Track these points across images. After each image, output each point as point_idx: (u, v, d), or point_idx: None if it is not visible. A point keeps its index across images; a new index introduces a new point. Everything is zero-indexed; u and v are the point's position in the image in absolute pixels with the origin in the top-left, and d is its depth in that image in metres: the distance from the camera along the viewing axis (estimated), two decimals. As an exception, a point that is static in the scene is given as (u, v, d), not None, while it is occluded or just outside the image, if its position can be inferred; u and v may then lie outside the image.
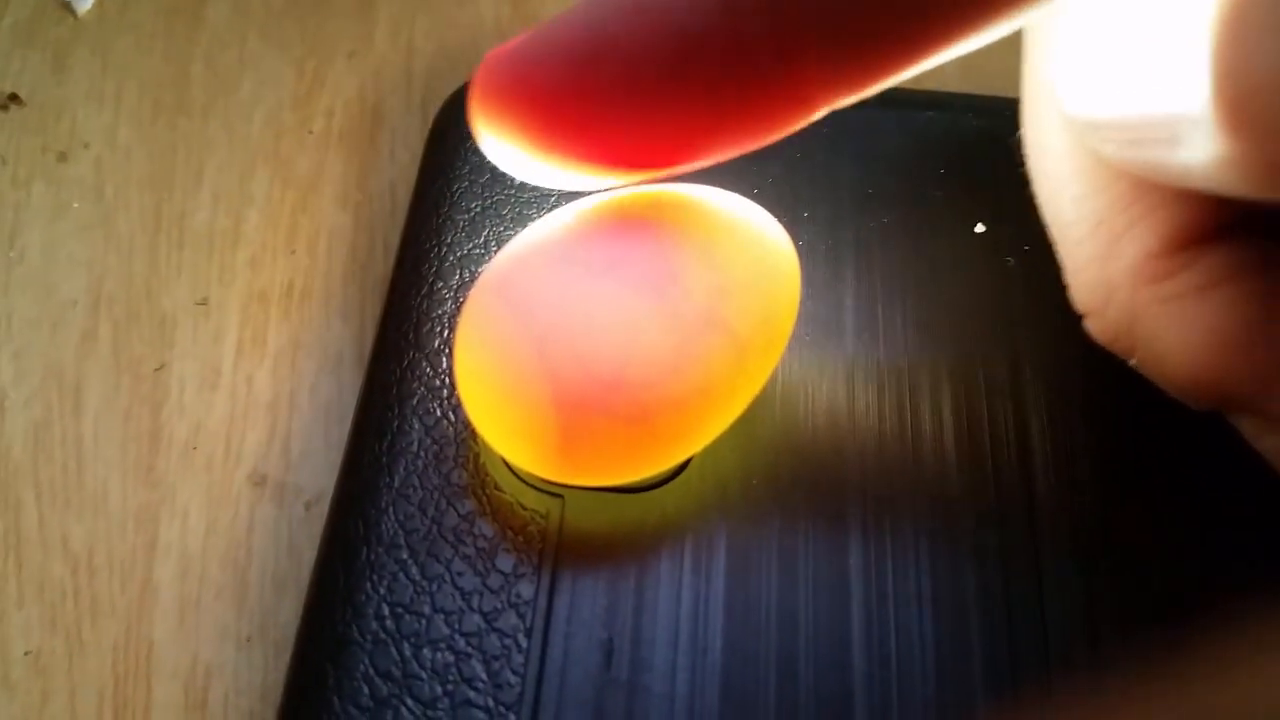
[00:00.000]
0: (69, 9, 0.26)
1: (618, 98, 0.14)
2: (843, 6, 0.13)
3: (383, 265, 0.22)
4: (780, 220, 0.19)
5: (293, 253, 0.23)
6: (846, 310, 0.20)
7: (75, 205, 0.23)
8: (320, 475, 0.20)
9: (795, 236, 0.20)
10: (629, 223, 0.16)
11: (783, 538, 0.18)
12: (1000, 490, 0.18)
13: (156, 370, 0.21)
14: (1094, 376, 0.19)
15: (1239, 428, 0.17)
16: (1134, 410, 0.19)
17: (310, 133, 0.24)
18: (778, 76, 0.13)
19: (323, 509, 0.19)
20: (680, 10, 0.13)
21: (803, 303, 0.19)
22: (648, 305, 0.16)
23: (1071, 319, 0.18)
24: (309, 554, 0.19)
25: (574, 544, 0.18)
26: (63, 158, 0.24)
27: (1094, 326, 0.18)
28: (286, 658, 0.18)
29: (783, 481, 0.18)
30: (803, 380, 0.19)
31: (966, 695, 0.16)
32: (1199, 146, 0.13)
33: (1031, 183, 0.18)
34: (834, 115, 0.22)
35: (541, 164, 0.15)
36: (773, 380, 0.19)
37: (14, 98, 0.25)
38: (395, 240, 0.22)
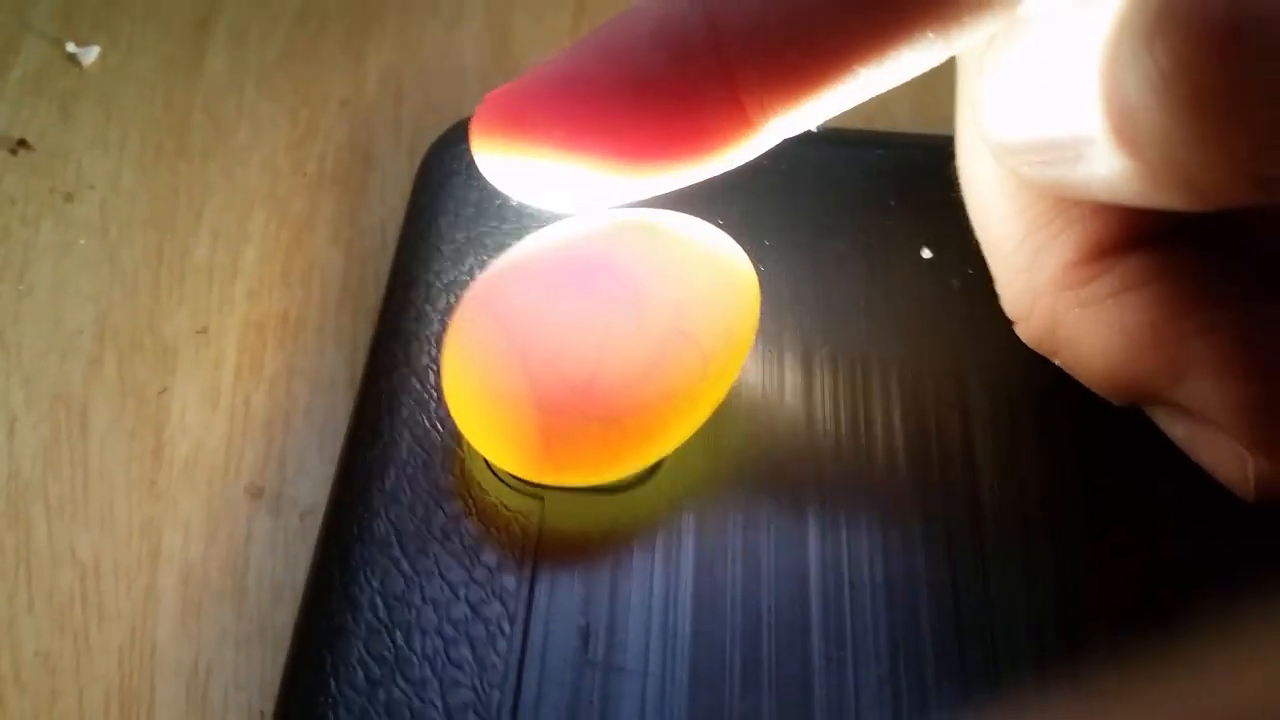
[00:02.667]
0: (75, 61, 0.28)
1: (592, 123, 0.16)
2: (776, 57, 0.15)
3: (373, 296, 0.24)
4: (745, 247, 0.21)
5: (288, 285, 0.24)
6: (805, 329, 0.21)
7: (81, 242, 0.25)
8: (314, 489, 0.22)
9: (758, 262, 0.22)
10: (601, 244, 0.18)
11: (747, 534, 0.19)
12: (947, 491, 0.20)
13: (159, 394, 0.23)
14: (1033, 384, 0.21)
15: (1154, 419, 0.19)
16: (1070, 417, 0.20)
17: (304, 175, 0.26)
18: (716, 96, 0.16)
19: (316, 519, 0.20)
20: (636, 49, 0.16)
21: (765, 321, 0.21)
22: (618, 317, 0.17)
23: (1010, 333, 0.20)
24: (304, 560, 0.20)
25: (553, 541, 0.19)
26: (69, 198, 0.26)
27: (1022, 331, 0.20)
28: (283, 655, 0.19)
29: (747, 484, 0.20)
30: (766, 392, 0.21)
31: (917, 673, 0.18)
32: (1098, 163, 0.15)
33: (966, 207, 0.20)
34: (794, 154, 0.24)
35: (527, 171, 0.17)
36: (738, 391, 0.21)
37: (23, 143, 0.27)
38: (384, 273, 0.23)
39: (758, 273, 0.22)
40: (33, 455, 0.22)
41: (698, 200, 0.22)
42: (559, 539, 0.19)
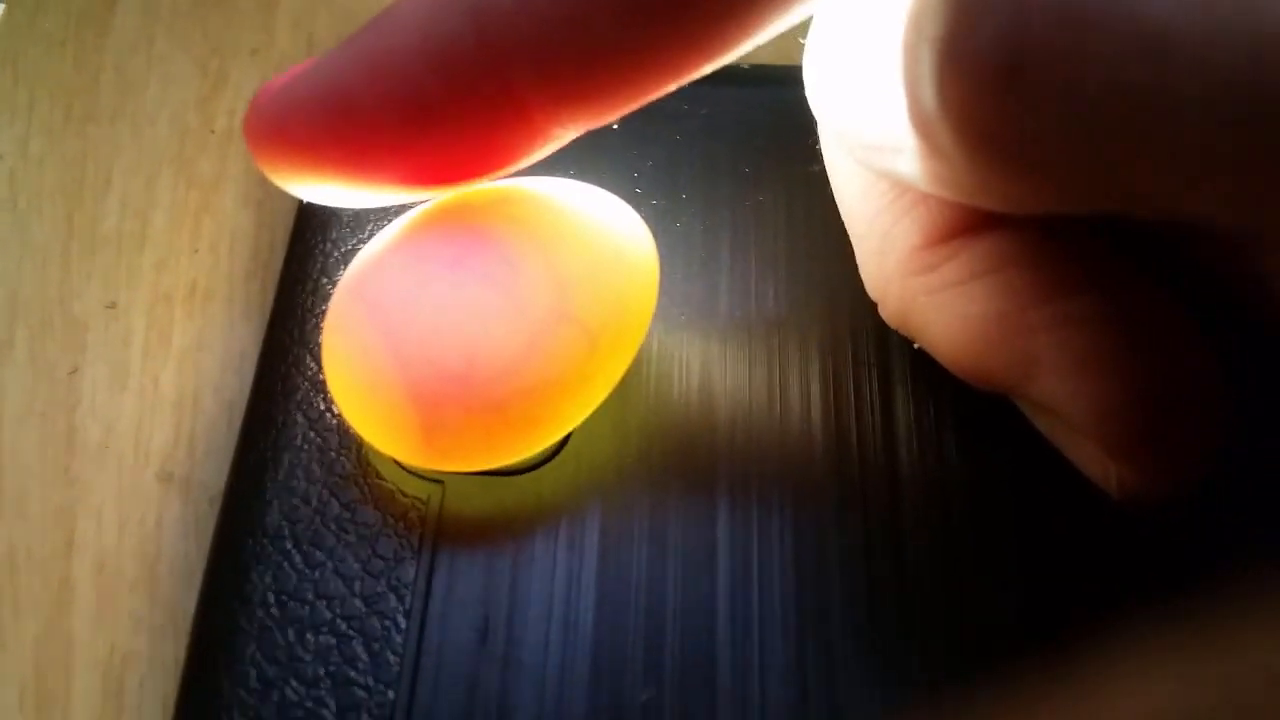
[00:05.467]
0: (-20, 20, 0.27)
1: (363, 142, 0.15)
2: (554, 58, 0.14)
3: (282, 262, 0.23)
4: (659, 203, 0.20)
5: (196, 253, 0.23)
6: (720, 290, 0.20)
7: (-9, 216, 0.24)
8: (223, 471, 0.21)
9: (673, 219, 0.21)
10: (477, 220, 0.17)
11: (654, 515, 0.18)
12: (864, 462, 0.19)
13: (70, 374, 0.22)
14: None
15: (1020, 407, 0.18)
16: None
17: (212, 132, 0.25)
18: (504, 116, 0.14)
19: (223, 505, 0.20)
20: (407, 68, 0.14)
21: (678, 284, 0.20)
22: (494, 300, 0.16)
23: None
24: (213, 545, 0.20)
25: (453, 528, 0.18)
26: (-22, 169, 0.25)
27: (883, 314, 0.19)
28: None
29: (655, 461, 0.19)
30: (677, 360, 0.20)
31: (826, 661, 0.17)
32: (915, 161, 0.14)
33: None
34: (714, 97, 0.23)
35: (314, 191, 0.16)
36: (647, 360, 0.20)
37: (-71, 112, 0.26)
38: (294, 237, 0.22)
39: (671, 230, 0.21)
40: (-56, 444, 0.22)
41: (606, 154, 0.21)
42: (459, 525, 0.18)
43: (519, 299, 0.16)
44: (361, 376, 0.17)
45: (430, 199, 0.18)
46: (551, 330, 0.17)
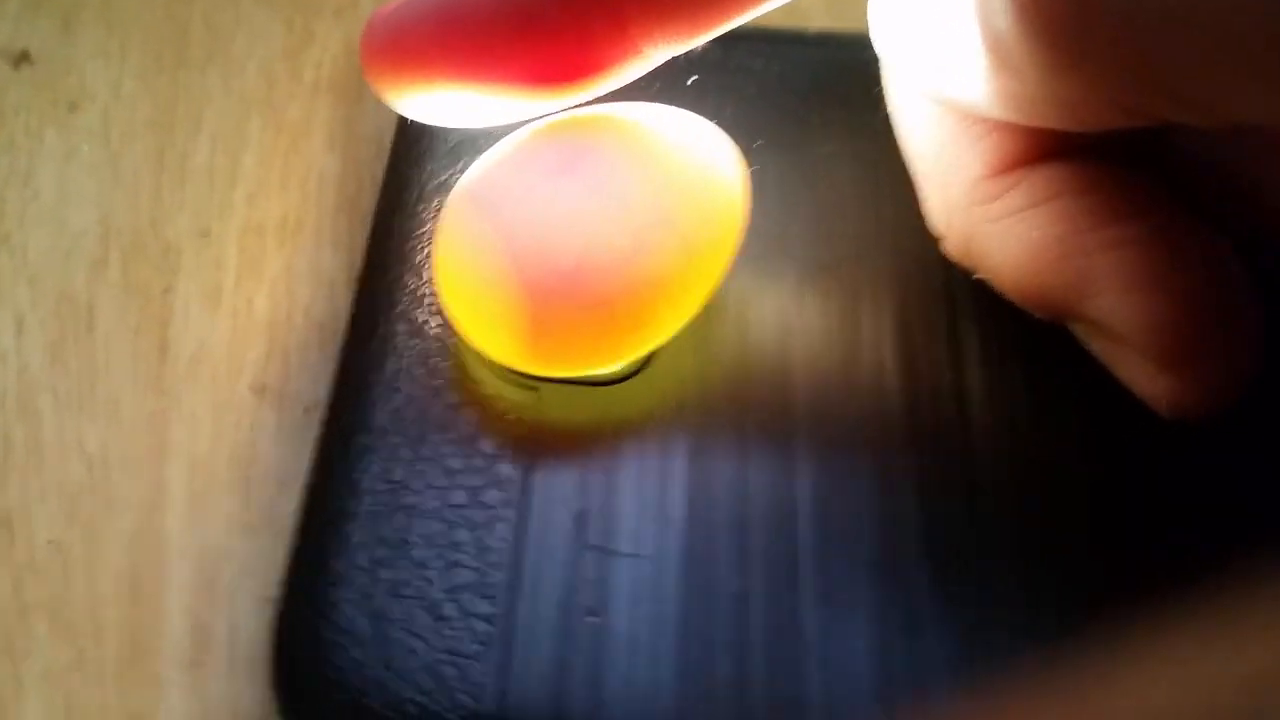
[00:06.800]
0: (74, -27, 0.28)
1: (472, 50, 0.17)
2: None
3: (369, 201, 0.24)
4: (737, 146, 0.21)
5: (286, 190, 0.25)
6: (795, 227, 0.22)
7: (84, 149, 0.25)
8: (317, 384, 0.22)
9: (750, 162, 0.22)
10: (585, 136, 0.19)
11: (736, 423, 0.20)
12: (932, 381, 0.20)
13: (163, 293, 0.23)
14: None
15: (1075, 333, 0.19)
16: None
17: (301, 83, 0.26)
18: (600, 26, 0.16)
19: (320, 413, 0.21)
20: None
21: (755, 221, 0.22)
22: (600, 204, 0.18)
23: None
24: (308, 452, 0.21)
25: (548, 431, 0.20)
26: (73, 108, 0.26)
27: (945, 247, 0.20)
28: (288, 541, 0.20)
29: (735, 376, 0.20)
30: (755, 289, 0.21)
31: (900, 554, 0.18)
32: (985, 83, 0.16)
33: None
34: (786, 56, 0.24)
35: (420, 103, 0.18)
36: (727, 287, 0.21)
37: (24, 56, 0.27)
38: (380, 177, 0.24)
39: (749, 172, 0.22)
40: (40, 352, 0.23)
41: (690, 102, 0.23)
42: (554, 429, 0.20)
43: (623, 204, 0.18)
44: (476, 274, 0.18)
45: (533, 117, 0.19)
46: (653, 234, 0.18)
